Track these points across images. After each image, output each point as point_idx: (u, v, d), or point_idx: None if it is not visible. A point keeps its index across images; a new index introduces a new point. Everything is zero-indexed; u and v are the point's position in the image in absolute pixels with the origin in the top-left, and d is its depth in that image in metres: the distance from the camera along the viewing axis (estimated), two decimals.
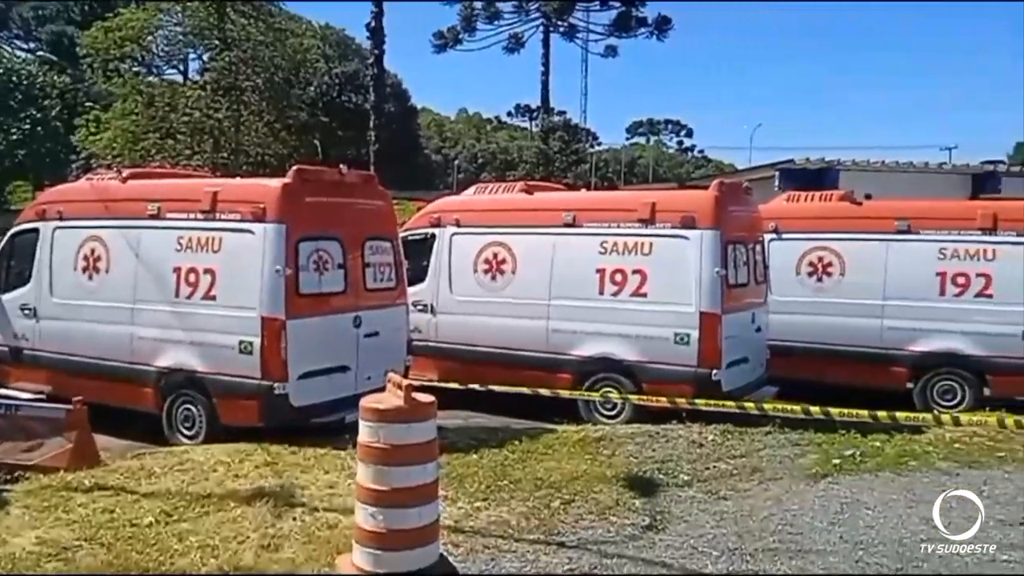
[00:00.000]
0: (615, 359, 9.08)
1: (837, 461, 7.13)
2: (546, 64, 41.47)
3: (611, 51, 43.69)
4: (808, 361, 10.30)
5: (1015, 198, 12.07)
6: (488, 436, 8.10)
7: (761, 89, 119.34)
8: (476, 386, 8.35)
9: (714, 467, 7.05)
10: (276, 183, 8.10)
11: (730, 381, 8.77)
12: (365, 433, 4.54)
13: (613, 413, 9.07)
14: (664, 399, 7.90)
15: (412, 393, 4.52)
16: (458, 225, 10.25)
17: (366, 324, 8.40)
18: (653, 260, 8.91)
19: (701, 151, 73.45)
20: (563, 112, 51.24)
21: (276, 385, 7.65)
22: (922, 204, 10.88)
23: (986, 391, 9.72)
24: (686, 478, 6.75)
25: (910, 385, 10.05)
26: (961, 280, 9.77)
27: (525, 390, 7.61)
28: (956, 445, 7.80)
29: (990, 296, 9.67)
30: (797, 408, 6.96)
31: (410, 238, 10.41)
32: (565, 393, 8.53)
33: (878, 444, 7.66)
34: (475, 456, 7.32)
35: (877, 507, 5.99)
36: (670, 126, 77.60)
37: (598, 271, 9.18)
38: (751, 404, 7.72)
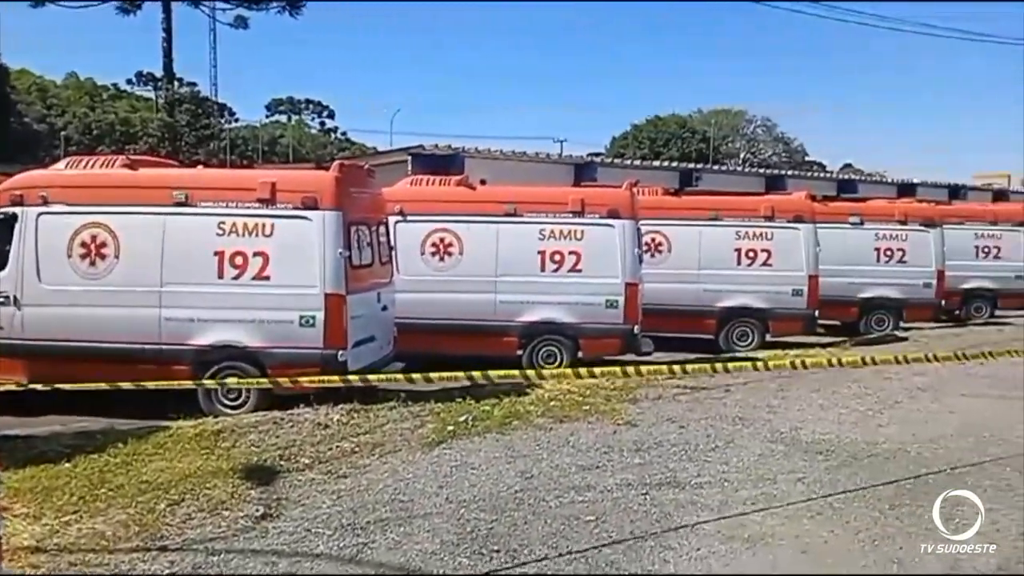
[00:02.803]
0: (239, 346, 8.68)
1: (451, 428, 7.63)
2: (168, 29, 37.98)
3: (241, 22, 41.41)
4: (434, 336, 10.91)
5: (607, 185, 14.07)
6: (86, 441, 7.24)
7: (401, 74, 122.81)
8: (68, 386, 7.35)
9: (337, 447, 7.09)
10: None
11: (357, 360, 8.88)
12: None
13: (238, 403, 8.70)
14: (288, 382, 7.74)
15: None
16: (45, 204, 8.94)
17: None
18: (275, 242, 8.65)
19: (344, 133, 73.28)
20: (193, 84, 47.65)
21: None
22: (526, 190, 12.19)
23: (579, 353, 11.18)
24: (307, 461, 6.69)
25: (520, 352, 11.19)
26: (557, 257, 11.08)
27: (129, 386, 6.87)
28: (553, 403, 8.82)
29: (580, 271, 11.10)
30: (400, 376, 7.30)
31: None
32: (180, 384, 7.92)
33: (488, 408, 8.37)
34: (68, 465, 6.50)
35: (481, 466, 6.52)
36: (312, 106, 76.22)
37: (216, 253, 8.66)
38: (354, 376, 7.97)
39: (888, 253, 15.89)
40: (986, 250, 18.69)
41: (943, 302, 16.46)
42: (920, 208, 17.12)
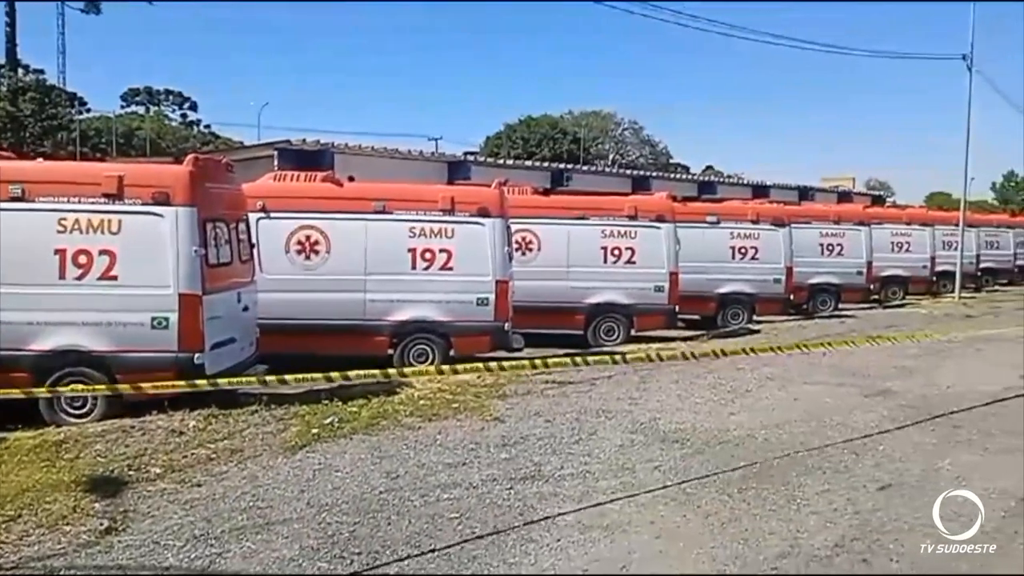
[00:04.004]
0: (83, 351, 8.13)
1: (316, 430, 7.45)
2: (11, 13, 35.09)
3: (94, 8, 38.80)
4: (301, 337, 10.62)
5: (480, 184, 14.13)
6: None
7: (271, 65, 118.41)
8: None
9: (192, 455, 6.78)
10: None
11: (216, 363, 8.50)
12: None
13: (83, 411, 8.14)
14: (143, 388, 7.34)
15: None
16: None
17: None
18: (123, 240, 8.15)
19: (208, 126, 69.66)
20: (40, 71, 44.11)
21: None
22: (395, 187, 12.07)
23: (451, 352, 11.18)
24: (159, 471, 6.36)
25: (391, 351, 11.07)
26: (428, 256, 11.04)
27: None
28: (422, 402, 8.79)
29: (451, 269, 11.10)
30: (253, 379, 7.08)
31: None
32: (15, 393, 7.34)
33: (356, 409, 8.23)
34: None
35: (346, 468, 6.41)
36: (172, 97, 72.14)
37: (57, 252, 8.08)
38: (203, 381, 7.65)
39: (742, 251, 16.86)
40: (830, 248, 20.17)
41: (792, 296, 17.65)
42: (771, 208, 18.24)
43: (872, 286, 21.53)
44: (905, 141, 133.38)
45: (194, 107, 70.50)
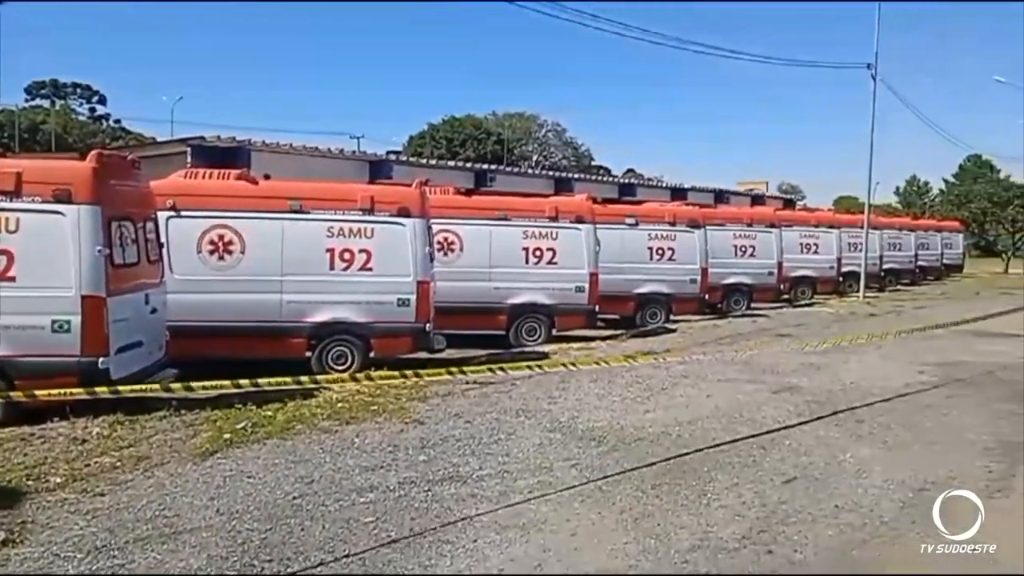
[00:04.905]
0: None
1: (228, 436, 7.26)
2: None
3: None
4: (215, 339, 10.32)
5: (402, 183, 14.00)
6: None
7: (185, 57, 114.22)
8: None
9: (96, 463, 6.50)
10: None
11: (122, 368, 8.18)
12: None
13: None
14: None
15: None
16: None
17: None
18: (20, 239, 7.77)
19: (118, 121, 66.78)
20: None
21: None
22: (313, 186, 11.83)
23: (372, 353, 11.05)
24: (60, 480, 6.07)
25: (309, 354, 10.86)
26: (347, 256, 10.87)
27: None
28: (340, 405, 8.66)
29: (371, 270, 10.97)
30: (156, 386, 6.87)
31: None
32: None
33: (270, 414, 8.05)
34: None
35: (259, 474, 6.26)
36: (79, 90, 69.01)
37: None
38: (103, 388, 7.40)
39: (660, 252, 17.26)
40: (743, 249, 20.86)
41: (707, 296, 18.17)
42: (687, 211, 18.72)
43: (783, 286, 22.41)
44: (816, 147, 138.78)
45: (103, 101, 67.69)
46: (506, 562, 4.75)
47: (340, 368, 10.73)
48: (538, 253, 14.32)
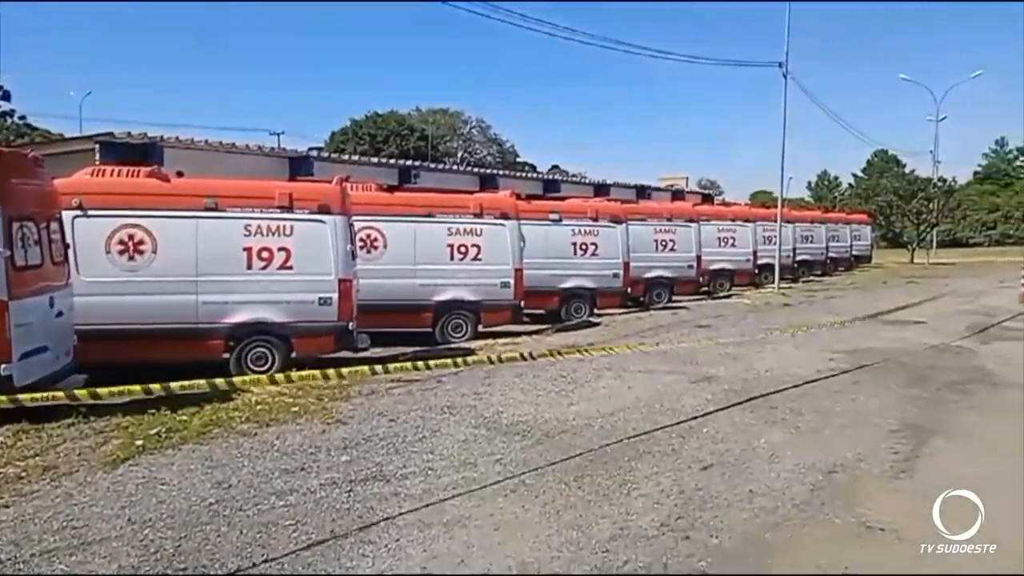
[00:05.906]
0: None
1: (141, 442, 7.01)
2: None
3: None
4: (127, 343, 9.96)
5: (322, 180, 13.77)
6: None
7: (92, 48, 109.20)
8: None
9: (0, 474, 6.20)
10: None
11: (26, 374, 7.80)
12: None
13: None
14: None
15: None
16: None
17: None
18: None
19: (23, 117, 63.41)
20: None
21: None
22: (228, 183, 11.49)
23: (293, 354, 10.83)
24: None
25: (227, 355, 10.57)
26: (265, 255, 10.62)
27: None
28: (260, 407, 8.48)
29: (290, 268, 10.74)
30: (60, 394, 6.61)
31: None
32: None
33: (186, 418, 7.82)
34: None
35: (173, 481, 6.07)
36: None
37: None
38: (3, 397, 7.00)
39: (583, 247, 17.49)
40: (663, 244, 21.34)
41: (629, 290, 18.51)
42: (609, 206, 19.00)
43: (702, 279, 23.02)
44: (734, 143, 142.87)
45: (7, 97, 64.15)
46: (428, 560, 4.73)
47: (260, 369, 10.50)
48: (463, 250, 14.34)
